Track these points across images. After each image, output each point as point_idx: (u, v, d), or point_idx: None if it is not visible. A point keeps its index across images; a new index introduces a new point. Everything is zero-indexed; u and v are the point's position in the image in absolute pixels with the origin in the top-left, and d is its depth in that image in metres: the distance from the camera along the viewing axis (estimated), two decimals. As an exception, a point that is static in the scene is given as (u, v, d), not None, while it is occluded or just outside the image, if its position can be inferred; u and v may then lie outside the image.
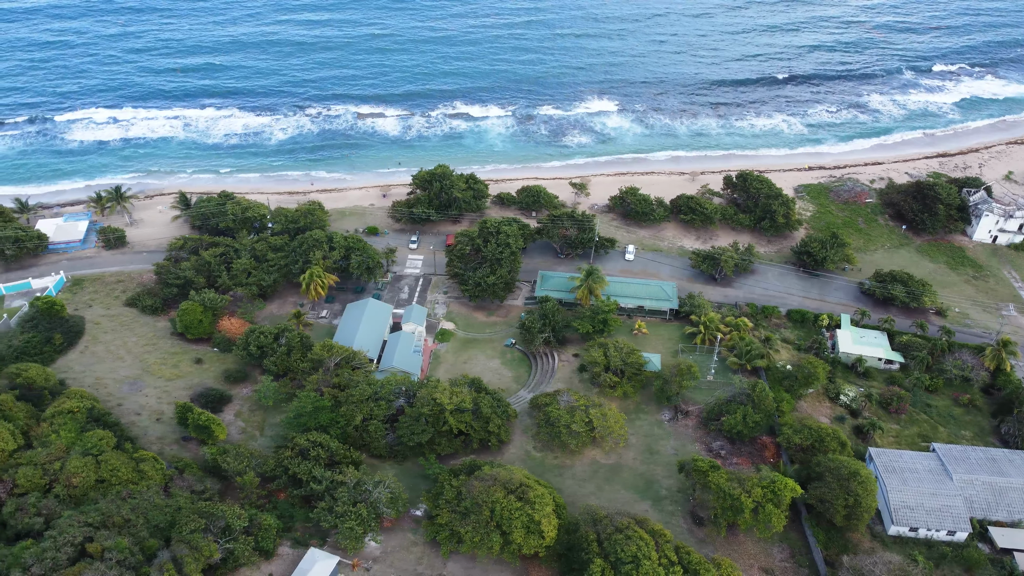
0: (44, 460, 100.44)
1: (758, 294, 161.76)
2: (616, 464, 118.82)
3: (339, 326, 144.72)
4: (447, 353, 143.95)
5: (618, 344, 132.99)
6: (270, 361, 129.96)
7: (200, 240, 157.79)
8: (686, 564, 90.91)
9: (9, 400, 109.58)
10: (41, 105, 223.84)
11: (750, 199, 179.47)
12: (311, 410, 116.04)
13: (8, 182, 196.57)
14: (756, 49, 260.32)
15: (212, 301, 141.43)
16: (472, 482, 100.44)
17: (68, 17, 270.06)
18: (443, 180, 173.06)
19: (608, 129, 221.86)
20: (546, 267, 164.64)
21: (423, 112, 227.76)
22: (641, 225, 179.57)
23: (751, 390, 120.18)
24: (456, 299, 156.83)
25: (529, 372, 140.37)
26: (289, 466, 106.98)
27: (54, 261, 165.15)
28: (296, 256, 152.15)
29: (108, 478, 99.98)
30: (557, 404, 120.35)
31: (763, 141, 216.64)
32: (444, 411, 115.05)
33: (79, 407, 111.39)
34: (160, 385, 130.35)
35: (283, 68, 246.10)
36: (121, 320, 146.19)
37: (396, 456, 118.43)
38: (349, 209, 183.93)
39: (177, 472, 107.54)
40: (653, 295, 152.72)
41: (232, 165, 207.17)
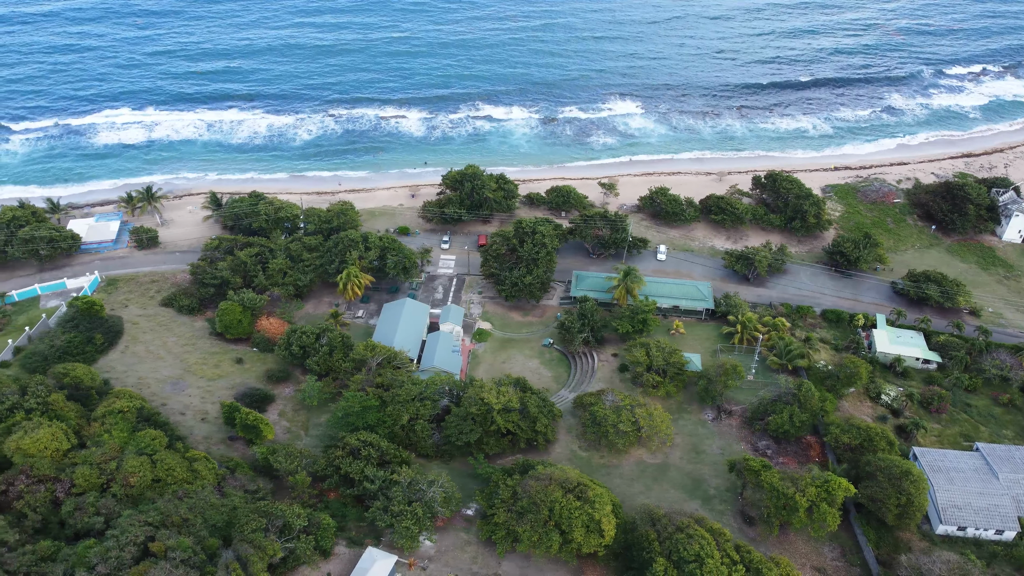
0: (100, 460, 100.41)
1: (791, 294, 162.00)
2: (663, 464, 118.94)
3: (377, 326, 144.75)
4: (485, 353, 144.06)
5: (660, 344, 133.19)
6: (313, 361, 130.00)
7: (235, 240, 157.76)
8: (747, 563, 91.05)
9: (60, 400, 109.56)
10: (65, 108, 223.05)
11: (779, 199, 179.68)
12: (359, 410, 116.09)
13: (35, 182, 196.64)
14: (776, 52, 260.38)
15: (251, 301, 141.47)
16: (527, 481, 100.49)
17: (87, 20, 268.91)
18: (474, 180, 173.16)
19: (632, 130, 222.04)
20: (578, 267, 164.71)
21: (446, 113, 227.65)
22: (671, 225, 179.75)
23: (797, 390, 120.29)
24: (491, 299, 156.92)
25: (568, 372, 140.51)
26: (341, 465, 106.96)
27: (87, 261, 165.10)
28: (332, 256, 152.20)
29: (164, 478, 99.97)
30: (603, 404, 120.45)
31: (788, 142, 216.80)
32: (492, 411, 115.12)
33: (129, 407, 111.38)
34: (202, 385, 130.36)
35: (304, 71, 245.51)
36: (159, 320, 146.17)
37: (443, 455, 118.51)
38: (379, 209, 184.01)
39: (229, 472, 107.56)
40: (689, 295, 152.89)
41: (258, 166, 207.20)
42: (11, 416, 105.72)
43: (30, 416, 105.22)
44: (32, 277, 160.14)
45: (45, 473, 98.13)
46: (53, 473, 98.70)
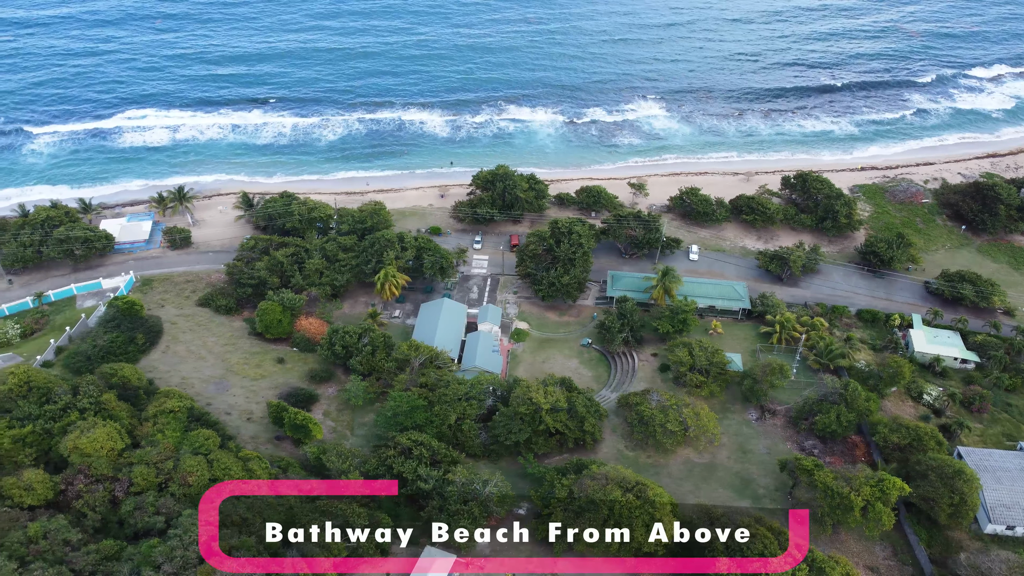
0: (156, 459, 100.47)
1: (825, 294, 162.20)
2: (710, 463, 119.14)
3: (416, 326, 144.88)
4: (524, 353, 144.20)
5: (702, 344, 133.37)
6: (356, 361, 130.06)
7: (270, 240, 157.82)
8: (810, 562, 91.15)
9: (112, 399, 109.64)
10: (88, 111, 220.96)
11: (810, 199, 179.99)
12: (407, 409, 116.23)
13: (64, 183, 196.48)
14: (798, 55, 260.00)
15: (291, 301, 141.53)
16: (583, 481, 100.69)
17: (105, 23, 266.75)
18: (506, 180, 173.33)
19: (656, 130, 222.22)
20: (610, 267, 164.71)
21: (470, 115, 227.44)
22: (701, 225, 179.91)
23: (843, 390, 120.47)
24: (527, 299, 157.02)
25: (608, 372, 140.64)
26: (393, 465, 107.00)
27: (120, 261, 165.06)
28: (368, 256, 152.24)
29: (221, 477, 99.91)
30: (648, 403, 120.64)
31: (813, 143, 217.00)
32: (540, 410, 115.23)
33: (180, 407, 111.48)
34: (246, 385, 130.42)
35: (325, 74, 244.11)
36: (197, 320, 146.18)
37: (490, 455, 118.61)
38: (409, 209, 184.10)
39: (281, 471, 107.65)
40: (725, 295, 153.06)
41: (284, 166, 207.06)
42: (65, 416, 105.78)
43: (84, 416, 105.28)
44: (66, 277, 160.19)
45: (103, 472, 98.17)
46: (110, 472, 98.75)
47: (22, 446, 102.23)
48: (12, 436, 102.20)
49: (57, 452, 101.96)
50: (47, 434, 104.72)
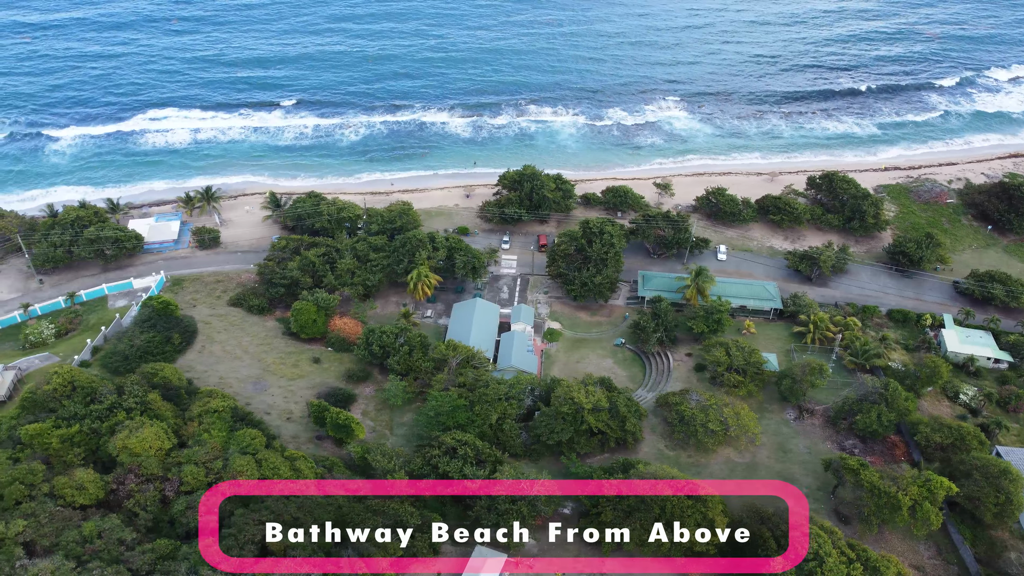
0: (205, 459, 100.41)
1: (854, 294, 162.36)
2: (751, 463, 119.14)
3: (449, 326, 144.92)
4: (558, 353, 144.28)
5: (739, 344, 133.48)
6: (394, 360, 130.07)
7: (301, 240, 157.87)
8: (864, 561, 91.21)
9: (157, 399, 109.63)
10: (109, 114, 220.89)
11: (836, 199, 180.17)
12: (449, 409, 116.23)
13: (88, 183, 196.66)
14: (817, 57, 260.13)
15: (325, 301, 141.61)
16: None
17: (122, 26, 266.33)
18: (533, 181, 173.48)
19: (678, 131, 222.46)
20: (638, 267, 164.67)
21: (491, 116, 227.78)
22: (728, 225, 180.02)
23: (883, 389, 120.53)
24: (558, 299, 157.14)
25: (643, 371, 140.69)
26: (439, 464, 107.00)
27: (150, 261, 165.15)
28: (400, 256, 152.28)
29: (270, 476, 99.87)
30: (688, 403, 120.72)
31: (836, 143, 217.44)
32: (583, 410, 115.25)
33: (223, 406, 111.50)
34: (283, 385, 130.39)
35: (344, 75, 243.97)
36: (230, 320, 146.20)
37: (531, 455, 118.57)
38: (435, 210, 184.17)
39: (326, 471, 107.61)
40: (756, 295, 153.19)
41: (307, 166, 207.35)
42: (112, 416, 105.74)
43: (131, 416, 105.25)
44: (96, 277, 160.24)
45: (152, 472, 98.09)
46: (160, 472, 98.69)
47: (70, 446, 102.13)
48: (60, 436, 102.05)
49: (105, 451, 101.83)
50: (94, 434, 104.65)
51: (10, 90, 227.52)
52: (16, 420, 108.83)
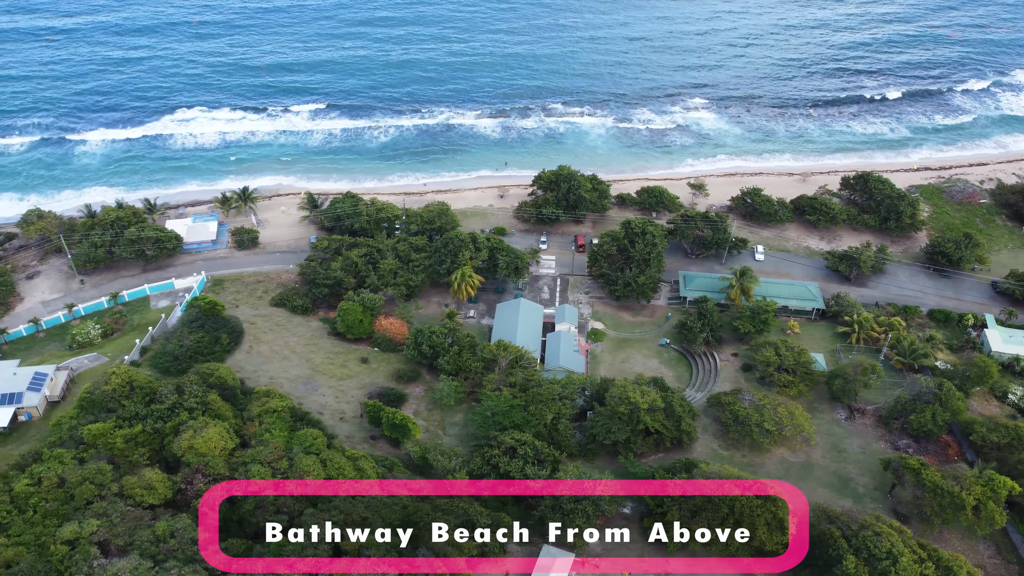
0: (270, 458, 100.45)
1: (893, 294, 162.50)
2: (806, 463, 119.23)
3: (494, 326, 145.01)
4: (603, 353, 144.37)
5: (787, 343, 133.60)
6: (444, 360, 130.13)
7: (342, 241, 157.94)
8: (935, 560, 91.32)
9: (217, 400, 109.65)
10: (137, 115, 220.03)
11: (871, 200, 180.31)
12: (506, 409, 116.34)
13: (121, 185, 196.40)
14: (842, 60, 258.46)
15: (371, 301, 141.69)
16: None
17: (149, 31, 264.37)
18: (570, 181, 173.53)
19: (706, 132, 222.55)
20: (676, 267, 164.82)
21: (519, 117, 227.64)
22: (763, 225, 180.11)
23: (937, 389, 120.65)
24: (599, 299, 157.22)
25: (689, 372, 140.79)
26: (500, 464, 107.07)
27: (189, 262, 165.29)
28: (442, 256, 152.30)
29: (335, 476, 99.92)
30: (741, 402, 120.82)
31: (866, 144, 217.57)
32: (639, 410, 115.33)
33: (282, 406, 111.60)
34: (333, 384, 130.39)
35: (370, 78, 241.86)
36: (275, 320, 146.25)
37: (586, 454, 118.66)
38: (470, 210, 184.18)
39: (386, 470, 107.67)
40: (798, 295, 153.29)
41: (338, 167, 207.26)
42: (174, 416, 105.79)
43: (193, 416, 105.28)
44: (136, 277, 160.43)
45: (219, 472, 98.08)
46: (226, 472, 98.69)
47: (134, 446, 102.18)
48: (124, 436, 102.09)
49: (170, 451, 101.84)
50: (156, 433, 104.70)
51: (38, 95, 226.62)
52: (76, 420, 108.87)
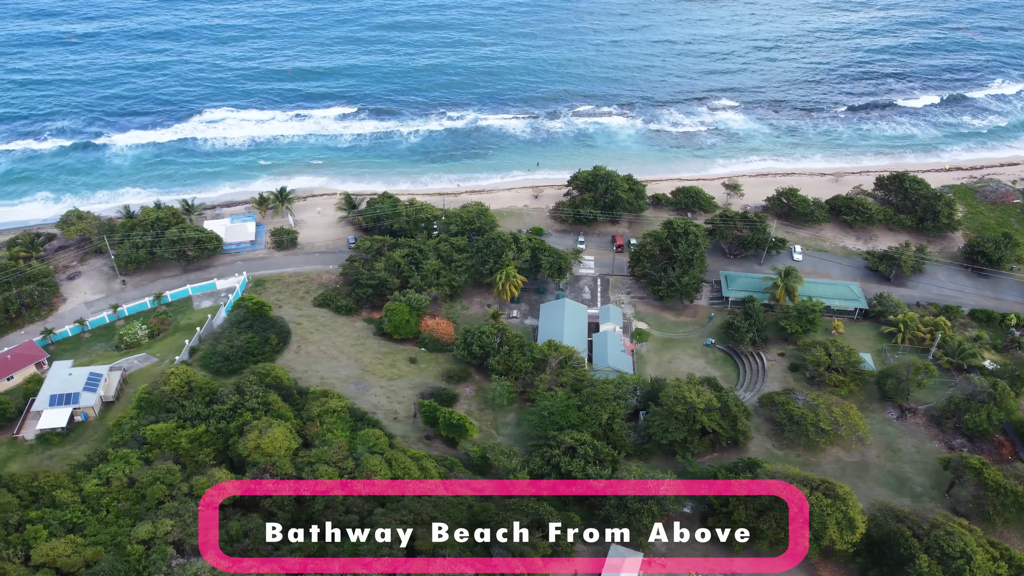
0: (336, 458, 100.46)
1: (933, 294, 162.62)
2: (861, 462, 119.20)
3: (540, 326, 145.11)
4: (648, 353, 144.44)
5: (836, 343, 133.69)
6: (495, 361, 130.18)
7: (383, 241, 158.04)
8: (1007, 558, 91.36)
9: (277, 400, 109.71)
10: (167, 117, 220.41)
11: (906, 200, 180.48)
12: (562, 409, 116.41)
13: (154, 186, 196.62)
14: (869, 63, 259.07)
15: (417, 301, 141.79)
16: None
17: (170, 36, 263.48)
18: (608, 181, 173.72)
19: (736, 132, 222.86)
20: (716, 267, 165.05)
21: (548, 118, 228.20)
22: (799, 225, 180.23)
23: (992, 388, 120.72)
24: (640, 299, 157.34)
25: (735, 371, 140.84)
26: (560, 464, 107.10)
27: (228, 262, 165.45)
28: (485, 256, 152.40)
29: (401, 476, 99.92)
30: (795, 402, 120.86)
31: (896, 144, 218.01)
32: (695, 409, 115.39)
33: (341, 406, 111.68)
34: (384, 385, 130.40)
35: (397, 80, 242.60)
36: (320, 320, 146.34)
37: (641, 454, 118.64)
38: (505, 210, 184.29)
39: (448, 470, 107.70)
40: (841, 295, 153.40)
41: (369, 167, 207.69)
42: (236, 416, 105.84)
43: (256, 416, 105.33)
44: (177, 278, 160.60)
45: (286, 472, 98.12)
46: (293, 472, 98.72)
47: (199, 446, 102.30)
48: (188, 436, 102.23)
49: (235, 451, 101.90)
50: (220, 433, 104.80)
51: (67, 99, 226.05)
52: (137, 421, 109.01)
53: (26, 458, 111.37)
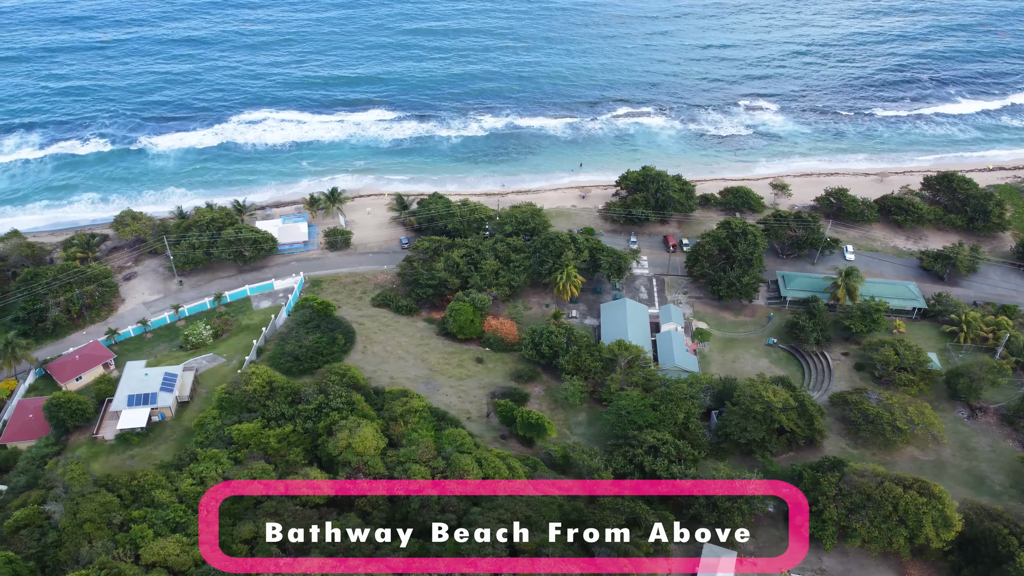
0: (425, 458, 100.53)
1: (988, 293, 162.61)
2: (936, 461, 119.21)
3: (602, 326, 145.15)
4: (711, 352, 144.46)
5: (905, 343, 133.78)
6: (565, 360, 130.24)
7: (441, 242, 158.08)
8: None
9: (360, 400, 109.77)
10: (207, 119, 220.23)
11: (954, 199, 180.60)
12: (640, 408, 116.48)
13: (198, 186, 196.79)
14: (904, 61, 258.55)
15: (481, 301, 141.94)
16: (850, 478, 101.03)
17: (204, 43, 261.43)
18: (659, 181, 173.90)
19: (776, 133, 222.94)
20: (768, 267, 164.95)
21: (587, 118, 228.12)
22: (848, 225, 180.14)
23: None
24: (698, 299, 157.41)
25: (799, 371, 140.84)
26: (645, 463, 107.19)
27: (282, 263, 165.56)
28: (544, 256, 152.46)
29: (491, 475, 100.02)
30: (868, 401, 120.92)
31: (938, 144, 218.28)
32: (773, 409, 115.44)
33: (422, 406, 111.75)
34: (454, 384, 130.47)
35: (434, 83, 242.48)
36: (382, 321, 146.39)
37: (718, 453, 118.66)
38: (554, 211, 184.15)
39: (531, 469, 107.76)
40: (900, 294, 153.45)
41: (412, 168, 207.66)
42: (322, 416, 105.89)
43: (343, 415, 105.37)
44: (233, 278, 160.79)
45: (379, 471, 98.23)
46: (385, 471, 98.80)
47: (287, 445, 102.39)
48: (276, 436, 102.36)
49: (324, 451, 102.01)
50: (307, 433, 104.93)
51: (105, 105, 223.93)
52: (220, 420, 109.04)
53: (107, 458, 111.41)
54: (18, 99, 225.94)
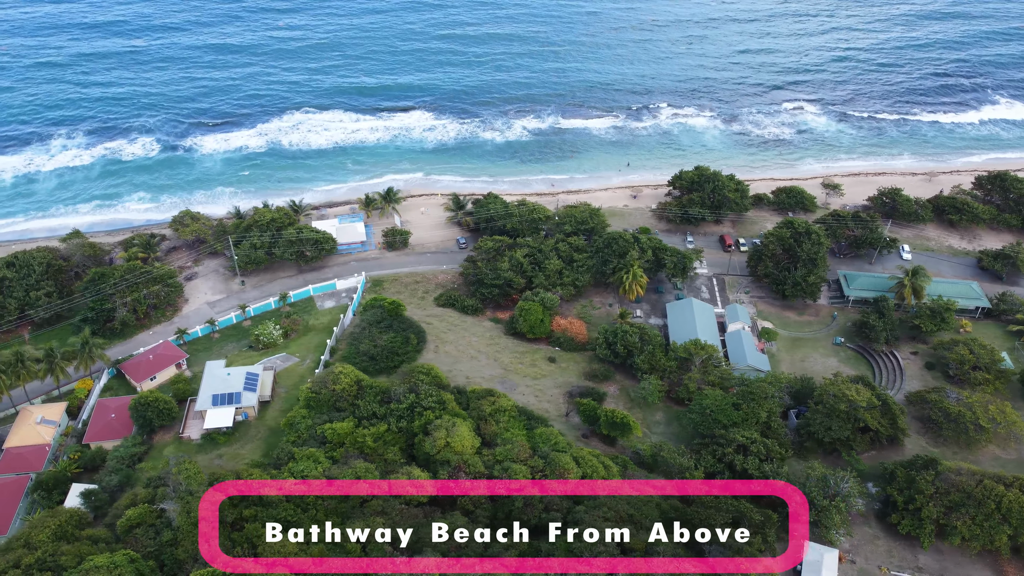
0: (522, 457, 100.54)
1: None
2: (1018, 459, 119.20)
3: (670, 326, 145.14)
4: (779, 351, 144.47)
5: (979, 342, 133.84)
6: (640, 359, 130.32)
7: (503, 242, 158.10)
8: None
9: (451, 399, 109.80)
10: (248, 123, 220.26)
11: (1007, 199, 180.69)
12: (723, 406, 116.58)
13: (248, 187, 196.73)
14: (940, 63, 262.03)
15: (550, 301, 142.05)
16: (947, 476, 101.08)
17: (240, 50, 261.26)
18: (715, 181, 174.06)
19: (819, 133, 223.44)
20: (828, 266, 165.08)
21: (630, 118, 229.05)
22: (902, 225, 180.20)
23: None
24: (760, 298, 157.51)
25: (869, 370, 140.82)
26: (735, 462, 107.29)
27: (341, 262, 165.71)
28: (607, 256, 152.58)
29: (590, 474, 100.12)
30: (947, 400, 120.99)
31: (982, 144, 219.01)
32: (857, 407, 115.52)
33: (511, 405, 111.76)
34: (530, 384, 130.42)
35: (473, 86, 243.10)
36: (449, 320, 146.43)
37: (801, 452, 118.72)
38: (606, 210, 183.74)
39: (623, 468, 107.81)
40: (963, 294, 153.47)
41: (459, 170, 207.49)
42: (415, 415, 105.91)
43: (437, 415, 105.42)
44: (294, 278, 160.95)
45: (479, 470, 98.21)
46: (484, 470, 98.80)
47: (383, 444, 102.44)
48: (372, 435, 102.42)
49: (421, 450, 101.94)
50: (401, 432, 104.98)
51: (149, 109, 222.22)
52: (309, 420, 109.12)
53: (195, 457, 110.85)
54: (62, 104, 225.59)
